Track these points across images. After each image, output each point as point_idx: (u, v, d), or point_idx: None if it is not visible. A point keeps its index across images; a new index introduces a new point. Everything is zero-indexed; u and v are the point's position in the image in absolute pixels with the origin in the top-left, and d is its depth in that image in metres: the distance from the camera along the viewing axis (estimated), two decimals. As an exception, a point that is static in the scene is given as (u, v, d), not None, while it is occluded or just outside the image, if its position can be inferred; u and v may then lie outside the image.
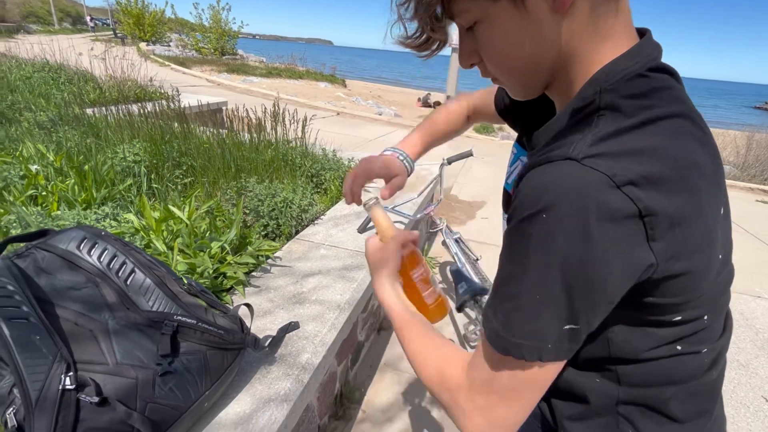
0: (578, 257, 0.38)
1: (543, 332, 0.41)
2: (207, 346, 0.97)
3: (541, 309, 0.40)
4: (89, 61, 4.52)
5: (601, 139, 0.40)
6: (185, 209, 1.61)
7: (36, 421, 0.74)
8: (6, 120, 2.67)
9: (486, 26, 0.46)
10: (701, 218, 0.41)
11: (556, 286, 0.39)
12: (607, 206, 0.37)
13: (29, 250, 0.98)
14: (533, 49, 0.46)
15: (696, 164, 0.41)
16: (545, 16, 0.43)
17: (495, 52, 0.48)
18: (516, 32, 0.45)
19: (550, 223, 0.38)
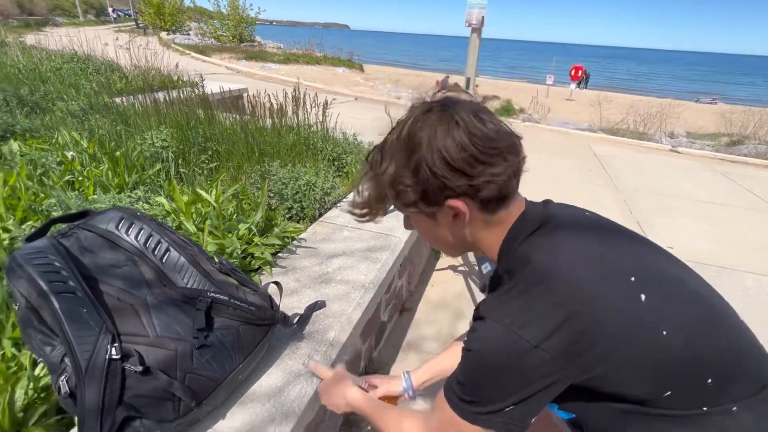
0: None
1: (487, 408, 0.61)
2: (239, 322, 1.01)
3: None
4: (114, 52, 4.62)
5: (500, 303, 0.63)
6: (212, 192, 1.65)
7: (87, 388, 0.78)
8: (40, 109, 2.78)
9: (414, 222, 0.74)
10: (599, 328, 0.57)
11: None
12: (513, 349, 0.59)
13: (72, 230, 1.03)
14: (443, 240, 0.73)
15: (576, 290, 0.59)
16: (450, 225, 0.68)
17: (421, 234, 0.77)
18: (431, 230, 0.72)
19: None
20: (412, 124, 0.64)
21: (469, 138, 0.59)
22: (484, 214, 0.66)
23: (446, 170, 0.60)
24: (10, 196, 1.51)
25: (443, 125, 0.61)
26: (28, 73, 3.69)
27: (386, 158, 0.66)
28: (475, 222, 0.67)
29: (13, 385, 0.88)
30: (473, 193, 0.62)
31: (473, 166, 0.60)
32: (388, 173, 0.65)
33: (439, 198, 0.63)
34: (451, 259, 2.78)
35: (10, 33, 6.57)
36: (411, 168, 0.63)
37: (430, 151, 0.60)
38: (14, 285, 0.88)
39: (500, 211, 0.66)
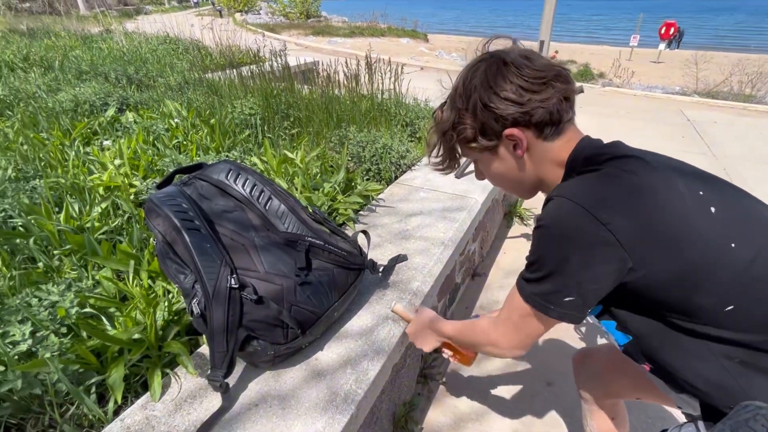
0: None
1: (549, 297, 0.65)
2: (333, 265, 1.09)
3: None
4: (200, 33, 4.96)
5: (571, 185, 0.67)
6: (297, 155, 1.76)
7: (214, 310, 0.91)
8: (144, 86, 3.11)
9: (480, 164, 0.80)
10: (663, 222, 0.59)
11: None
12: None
13: (191, 179, 1.17)
14: (512, 175, 0.76)
15: (639, 190, 0.61)
16: (513, 158, 0.73)
17: (491, 178, 0.81)
18: (498, 168, 0.76)
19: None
20: (465, 75, 0.72)
21: (516, 72, 0.66)
22: (541, 140, 0.70)
23: (498, 102, 0.67)
24: (132, 157, 1.74)
25: (492, 68, 0.68)
26: (131, 55, 4.12)
27: (447, 109, 0.76)
28: (535, 150, 0.71)
29: (154, 308, 1.04)
30: (527, 120, 0.67)
31: (521, 95, 0.66)
32: (450, 119, 0.74)
33: (496, 128, 0.69)
34: (524, 226, 2.71)
35: (113, 21, 7.32)
36: (469, 109, 0.71)
37: (483, 90, 0.68)
38: (153, 223, 1.03)
39: (556, 138, 0.70)
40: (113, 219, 1.42)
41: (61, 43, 4.80)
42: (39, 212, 1.31)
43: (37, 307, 0.98)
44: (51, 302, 1.00)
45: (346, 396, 0.90)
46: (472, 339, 0.87)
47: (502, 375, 1.63)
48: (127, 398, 0.94)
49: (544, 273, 0.64)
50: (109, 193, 1.53)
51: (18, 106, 2.41)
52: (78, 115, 2.36)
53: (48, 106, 2.37)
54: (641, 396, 0.95)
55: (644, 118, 5.54)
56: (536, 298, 0.66)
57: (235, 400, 0.89)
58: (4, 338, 0.90)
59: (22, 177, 1.58)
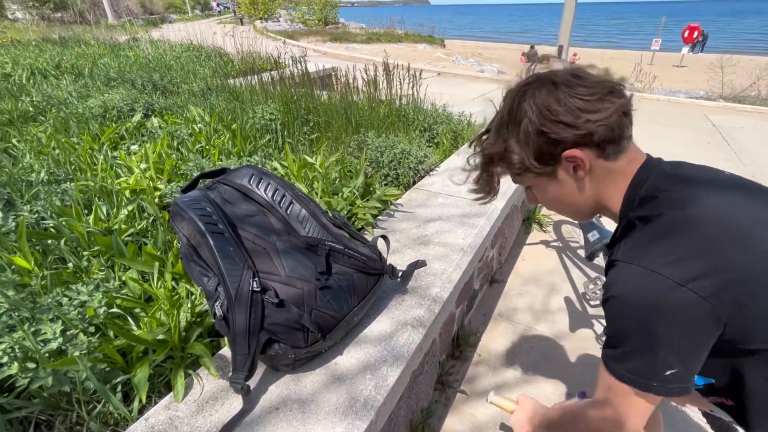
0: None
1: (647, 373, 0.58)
2: (353, 270, 1.10)
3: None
4: (221, 40, 5.08)
5: (634, 242, 0.62)
6: (317, 159, 1.78)
7: (236, 312, 0.92)
8: (168, 92, 3.20)
9: (537, 190, 0.74)
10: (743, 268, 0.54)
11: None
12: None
13: (214, 184, 1.20)
14: (572, 199, 0.71)
15: (716, 232, 0.56)
16: (574, 181, 0.68)
17: (547, 203, 0.76)
18: (556, 192, 0.71)
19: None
20: (512, 101, 0.67)
21: (568, 93, 0.62)
22: (603, 160, 0.65)
23: (554, 126, 0.62)
24: (157, 161, 1.78)
25: (542, 90, 0.64)
26: (156, 62, 4.25)
27: (493, 137, 0.71)
28: (596, 172, 0.66)
29: (177, 310, 1.06)
30: (587, 140, 0.63)
31: (578, 116, 0.61)
32: (496, 148, 0.69)
33: (554, 153, 0.65)
34: (543, 233, 2.67)
35: (139, 29, 7.57)
36: (520, 137, 0.66)
37: (534, 115, 0.63)
38: (178, 226, 1.06)
39: (619, 156, 0.65)
40: (139, 221, 1.46)
41: (91, 51, 4.99)
42: (70, 214, 1.36)
43: (68, 306, 1.01)
44: (80, 302, 1.03)
45: (365, 402, 0.89)
46: (570, 427, 0.79)
47: (524, 386, 1.60)
48: (151, 398, 0.96)
49: (630, 348, 0.58)
50: (135, 196, 1.57)
51: (50, 112, 2.51)
52: (106, 121, 2.44)
53: (78, 111, 2.47)
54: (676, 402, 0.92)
55: (668, 124, 5.41)
56: (631, 376, 0.59)
57: (255, 403, 0.90)
58: (36, 336, 0.93)
59: (54, 180, 1.64)
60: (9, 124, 2.36)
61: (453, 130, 2.53)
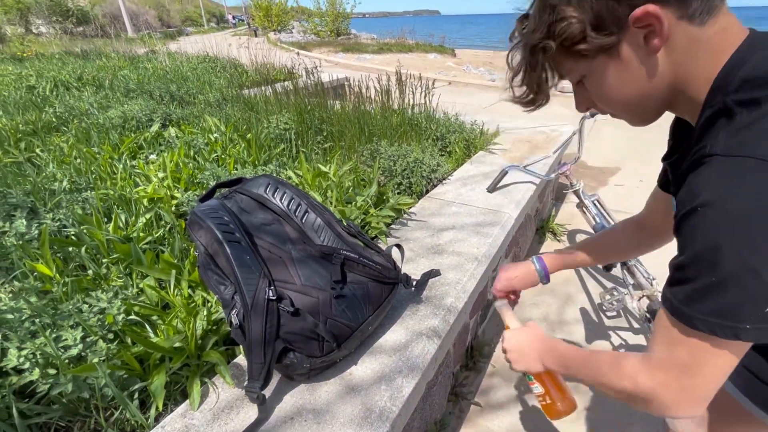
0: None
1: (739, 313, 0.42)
2: (368, 278, 1.09)
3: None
4: (236, 52, 5.19)
5: (738, 131, 0.44)
6: (330, 168, 1.80)
7: (252, 321, 0.93)
8: (185, 102, 3.28)
9: (592, 79, 0.55)
10: None
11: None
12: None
13: (231, 193, 1.21)
14: (638, 86, 0.53)
15: None
16: (643, 58, 0.50)
17: (604, 98, 0.57)
18: (618, 78, 0.53)
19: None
20: None
21: None
22: (688, 22, 0.47)
23: None
24: (174, 170, 1.82)
25: None
26: (173, 74, 4.35)
27: (535, 14, 0.54)
28: (677, 40, 0.48)
29: (194, 318, 1.07)
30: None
31: None
32: (543, 21, 0.52)
33: (619, 14, 0.48)
34: (557, 242, 2.63)
35: (158, 42, 7.78)
36: (572, 1, 0.49)
37: None
38: (195, 235, 1.07)
39: (707, 20, 0.47)
40: (156, 230, 1.49)
41: (111, 64, 5.14)
42: (90, 222, 1.39)
43: (88, 313, 1.03)
44: (100, 309, 1.04)
45: (381, 413, 0.89)
46: (610, 382, 0.58)
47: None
48: (167, 405, 0.97)
49: (720, 277, 0.42)
50: (153, 204, 1.60)
51: (72, 123, 2.58)
52: (126, 131, 2.50)
53: (99, 122, 2.54)
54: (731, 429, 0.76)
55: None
56: (714, 320, 0.43)
57: (271, 412, 0.90)
58: (57, 342, 0.95)
59: (75, 189, 1.68)
60: (33, 135, 2.44)
61: (465, 139, 2.53)
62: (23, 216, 1.43)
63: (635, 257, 1.13)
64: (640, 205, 0.90)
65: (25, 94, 3.49)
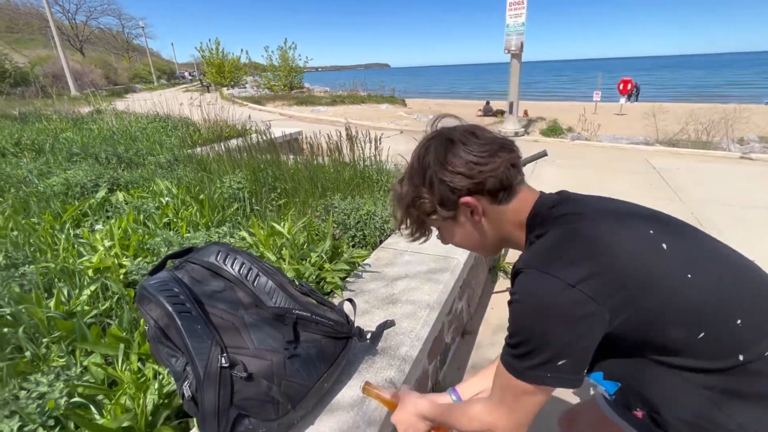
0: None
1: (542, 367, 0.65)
2: (321, 335, 1.13)
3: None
4: (188, 110, 5.24)
5: (528, 251, 0.73)
6: (284, 226, 1.84)
7: (205, 391, 0.93)
8: (134, 164, 3.24)
9: (444, 231, 0.86)
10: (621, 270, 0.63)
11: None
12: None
13: (182, 263, 1.23)
14: (473, 239, 0.83)
15: (595, 242, 0.66)
16: (473, 224, 0.79)
17: (454, 243, 0.88)
18: (459, 234, 0.83)
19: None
20: (419, 153, 0.79)
21: (463, 149, 0.73)
22: (497, 204, 0.76)
23: (451, 176, 0.74)
24: (122, 237, 1.79)
25: (442, 146, 0.75)
26: (121, 134, 4.30)
27: (406, 184, 0.82)
28: (492, 214, 0.77)
29: (144, 393, 1.04)
30: (480, 189, 0.74)
31: (471, 168, 0.73)
32: (409, 194, 0.80)
33: (453, 199, 0.75)
34: (509, 281, 2.77)
35: (103, 101, 7.66)
36: (426, 184, 0.77)
37: (436, 167, 0.75)
38: (145, 308, 1.07)
39: (512, 200, 0.76)
40: (102, 302, 1.44)
41: (53, 126, 4.99)
42: (30, 300, 1.33)
43: (25, 399, 0.97)
44: (39, 393, 0.99)
45: (339, 473, 0.89)
46: (466, 426, 0.82)
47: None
48: (114, 493, 0.92)
49: (531, 347, 0.64)
50: (99, 274, 1.56)
51: (9, 192, 2.47)
52: (69, 198, 2.43)
53: (39, 190, 2.45)
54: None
55: (613, 168, 5.89)
56: (529, 372, 0.65)
57: (226, 487, 0.88)
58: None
59: (11, 264, 1.61)
60: (-37, 207, 2.30)
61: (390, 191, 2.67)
62: (-49, 298, 1.34)
63: None
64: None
65: (-45, 163, 3.30)
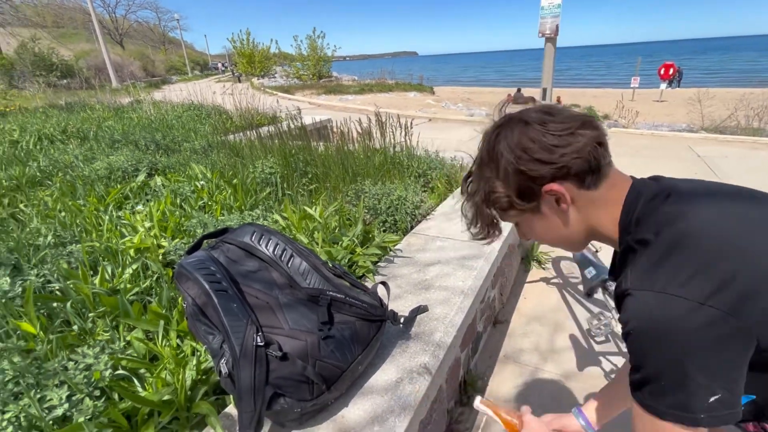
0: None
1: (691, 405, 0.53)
2: (355, 318, 1.11)
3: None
4: (221, 99, 5.34)
5: (637, 268, 0.60)
6: (316, 210, 1.84)
7: (241, 369, 0.93)
8: (171, 151, 3.33)
9: (523, 226, 0.75)
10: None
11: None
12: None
13: (218, 243, 1.24)
14: (558, 232, 0.72)
15: (719, 241, 0.56)
16: (558, 214, 0.69)
17: (536, 237, 0.76)
18: (542, 227, 0.72)
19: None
20: (488, 144, 0.69)
21: (541, 130, 0.63)
22: (585, 190, 0.65)
23: (530, 164, 0.64)
24: (161, 219, 1.83)
25: (515, 131, 0.65)
26: (158, 122, 4.44)
27: (476, 180, 0.73)
28: (580, 202, 0.66)
29: (183, 368, 1.07)
30: (564, 174, 0.63)
31: (552, 151, 0.62)
32: (481, 190, 0.71)
33: (534, 189, 0.65)
34: (542, 271, 2.69)
35: (142, 92, 7.95)
36: (500, 177, 0.67)
37: (510, 155, 0.65)
38: (183, 287, 1.08)
39: (600, 184, 0.65)
40: (143, 280, 1.49)
41: (96, 115, 5.22)
42: (77, 276, 1.39)
43: (73, 370, 1.01)
44: (86, 365, 1.03)
45: (374, 455, 0.88)
46: None
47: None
48: (156, 463, 0.94)
49: (665, 382, 0.53)
50: (139, 254, 1.61)
51: (57, 176, 2.60)
52: (111, 182, 2.52)
53: (84, 174, 2.55)
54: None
55: (654, 156, 5.58)
56: (677, 413, 0.53)
57: (263, 463, 0.89)
58: (42, 403, 0.93)
59: (60, 243, 1.68)
60: (17, 190, 2.44)
61: (446, 175, 2.62)
62: (6, 273, 1.42)
63: None
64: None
65: (8, 149, 3.50)
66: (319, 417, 0.99)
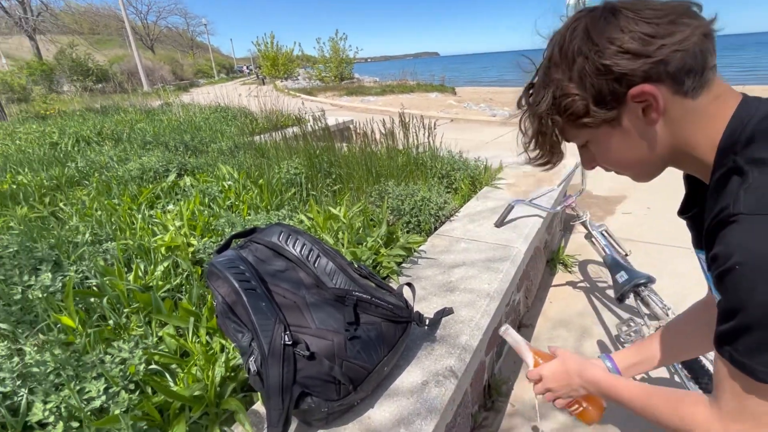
0: None
1: None
2: (381, 318, 1.11)
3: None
4: (246, 101, 5.46)
5: (756, 189, 0.47)
6: (340, 210, 1.85)
7: (270, 367, 0.94)
8: (199, 151, 3.43)
9: (596, 145, 0.61)
10: None
11: None
12: None
13: (247, 243, 1.26)
14: (639, 152, 0.58)
15: None
16: (643, 128, 0.55)
17: (609, 161, 0.63)
18: (620, 145, 0.58)
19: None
20: (561, 39, 0.56)
21: (633, 17, 0.50)
22: (682, 97, 0.52)
23: (617, 58, 0.50)
24: (190, 218, 1.88)
25: (599, 21, 0.52)
26: (187, 124, 4.58)
27: (540, 86, 0.59)
28: (673, 111, 0.53)
29: (213, 365, 1.09)
30: (660, 72, 0.50)
31: (648, 43, 0.49)
32: (548, 96, 0.57)
33: (618, 92, 0.52)
34: (569, 274, 2.62)
35: (171, 95, 8.23)
36: (574, 78, 0.54)
37: (590, 50, 0.52)
38: (214, 285, 1.11)
39: (701, 92, 0.52)
40: (174, 277, 1.53)
41: (129, 118, 5.43)
42: (113, 273, 1.44)
43: (110, 363, 1.05)
44: (122, 359, 1.07)
45: (400, 458, 0.88)
46: (668, 422, 0.61)
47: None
48: (187, 456, 0.97)
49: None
50: (170, 252, 1.65)
51: (93, 176, 2.71)
52: (143, 182, 2.62)
53: (119, 174, 2.66)
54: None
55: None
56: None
57: (290, 461, 0.89)
58: (81, 394, 0.97)
59: (96, 240, 1.75)
60: (57, 189, 2.56)
61: (470, 176, 2.59)
62: (48, 269, 1.49)
63: None
64: (650, 233, 0.91)
65: (49, 151, 3.68)
66: (346, 417, 1.00)
